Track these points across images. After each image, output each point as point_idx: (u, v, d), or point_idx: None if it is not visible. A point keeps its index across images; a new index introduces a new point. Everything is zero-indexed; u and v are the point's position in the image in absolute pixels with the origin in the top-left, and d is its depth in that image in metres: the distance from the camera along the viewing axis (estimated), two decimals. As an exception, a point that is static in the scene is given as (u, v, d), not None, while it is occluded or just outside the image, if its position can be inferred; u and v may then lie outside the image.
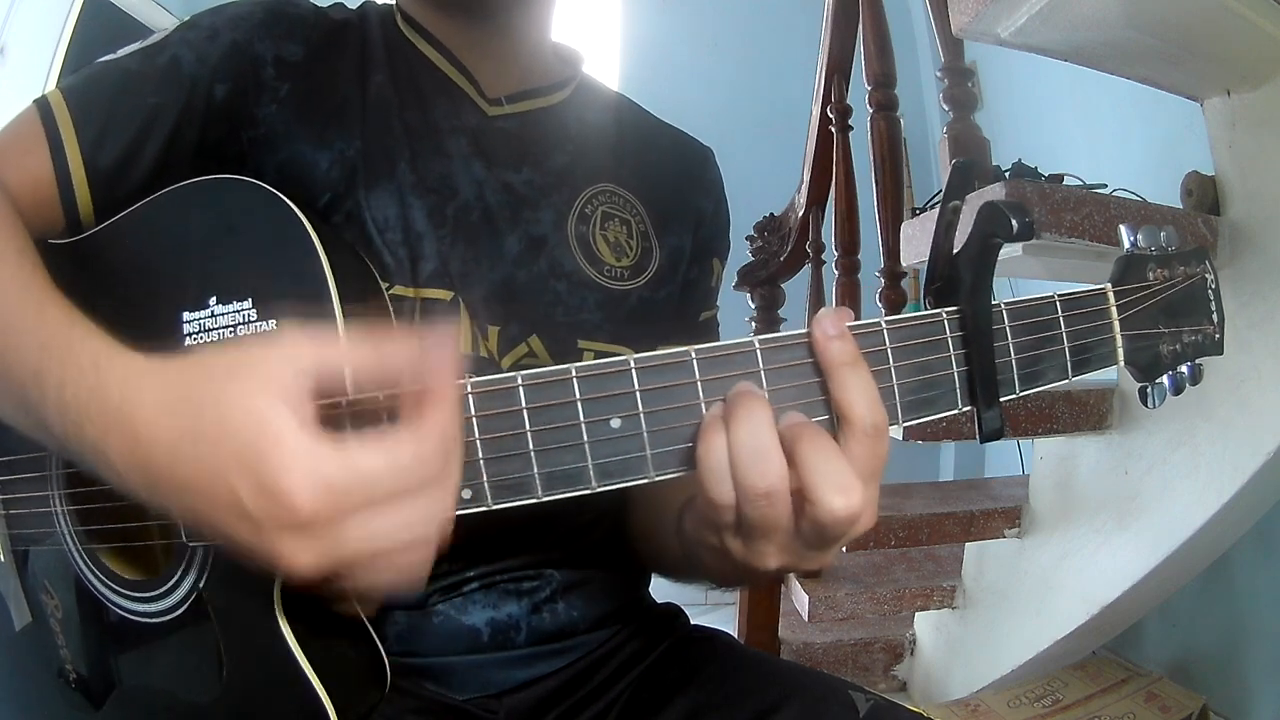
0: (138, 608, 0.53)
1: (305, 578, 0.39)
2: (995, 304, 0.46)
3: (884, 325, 0.45)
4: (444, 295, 0.61)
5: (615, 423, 0.43)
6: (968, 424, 0.48)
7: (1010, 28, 1.15)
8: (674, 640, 0.70)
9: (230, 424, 0.37)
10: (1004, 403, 0.47)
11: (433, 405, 0.39)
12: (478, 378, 0.43)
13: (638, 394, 0.43)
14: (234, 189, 0.52)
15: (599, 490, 0.43)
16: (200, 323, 0.50)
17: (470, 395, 0.42)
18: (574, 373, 0.43)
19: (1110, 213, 1.18)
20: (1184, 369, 0.52)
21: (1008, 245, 0.45)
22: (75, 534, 0.56)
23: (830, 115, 1.88)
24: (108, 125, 0.58)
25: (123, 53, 0.62)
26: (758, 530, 0.43)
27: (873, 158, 1.62)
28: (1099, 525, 1.46)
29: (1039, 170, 1.38)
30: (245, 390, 0.38)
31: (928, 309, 0.47)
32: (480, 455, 0.43)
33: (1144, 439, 1.39)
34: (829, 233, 1.92)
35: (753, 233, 2.18)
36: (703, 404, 0.43)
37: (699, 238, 0.75)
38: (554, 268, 0.66)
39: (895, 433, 0.47)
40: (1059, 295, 0.49)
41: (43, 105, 0.59)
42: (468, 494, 0.43)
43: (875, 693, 0.61)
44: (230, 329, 0.49)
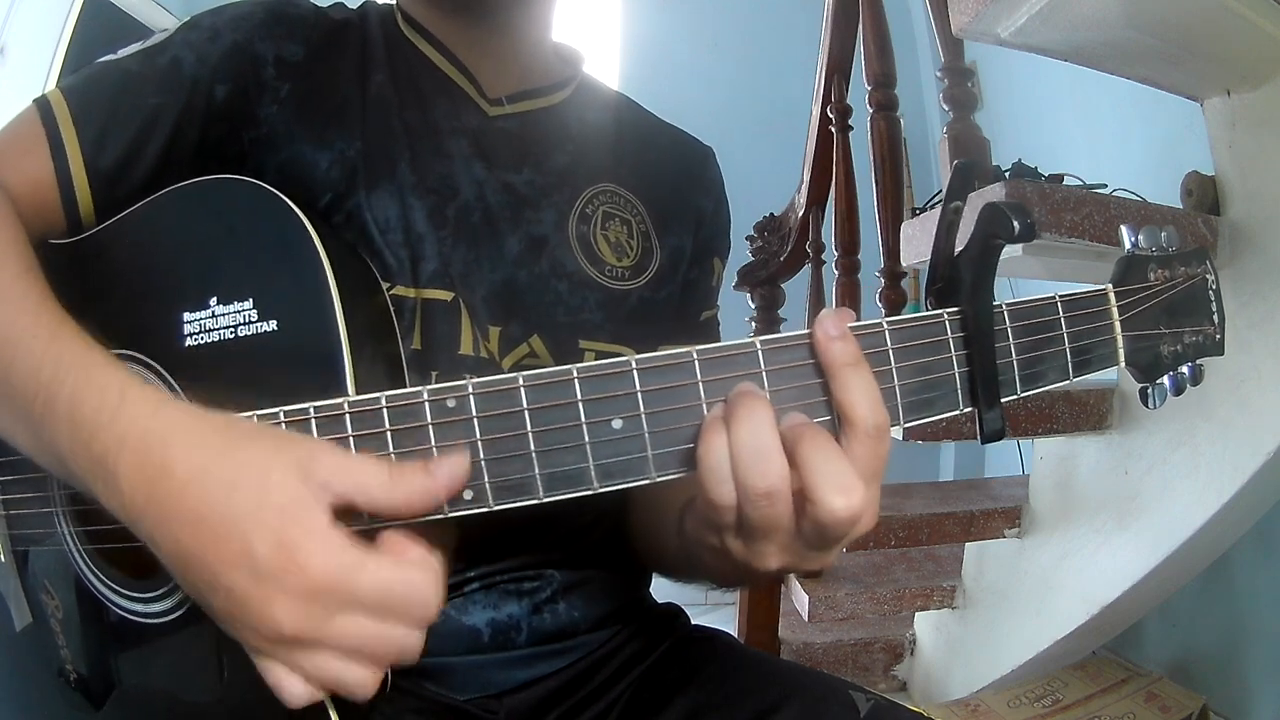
0: (138, 608, 0.53)
1: (274, 640, 0.40)
2: (996, 305, 0.46)
3: (885, 326, 0.45)
4: (445, 296, 0.62)
5: (617, 423, 0.43)
6: (968, 424, 0.47)
7: (1010, 28, 1.15)
8: (674, 640, 0.70)
9: (269, 486, 0.40)
10: (1004, 403, 0.47)
11: (428, 549, 0.41)
12: (479, 379, 0.43)
13: (639, 395, 0.43)
14: (234, 189, 0.52)
15: (600, 491, 0.43)
16: (201, 323, 0.50)
17: (472, 396, 0.42)
18: (575, 374, 0.42)
19: (1110, 213, 1.18)
20: (1184, 369, 0.52)
21: (1008, 245, 0.45)
22: (76, 534, 0.56)
23: (830, 115, 1.88)
24: (108, 125, 0.58)
25: (123, 53, 0.62)
26: (759, 531, 0.43)
27: (873, 158, 1.62)
28: (1099, 525, 1.46)
29: (1039, 170, 1.37)
30: (288, 465, 0.40)
31: (929, 309, 0.47)
32: (481, 456, 0.43)
33: (1144, 439, 1.39)
34: (829, 233, 1.92)
35: (753, 233, 2.18)
36: (704, 405, 0.43)
37: (699, 237, 0.75)
38: (555, 268, 0.66)
39: (895, 433, 0.47)
40: (1060, 296, 0.49)
41: (43, 105, 0.59)
42: (469, 495, 0.43)
43: (875, 693, 0.61)
44: (231, 329, 0.49)
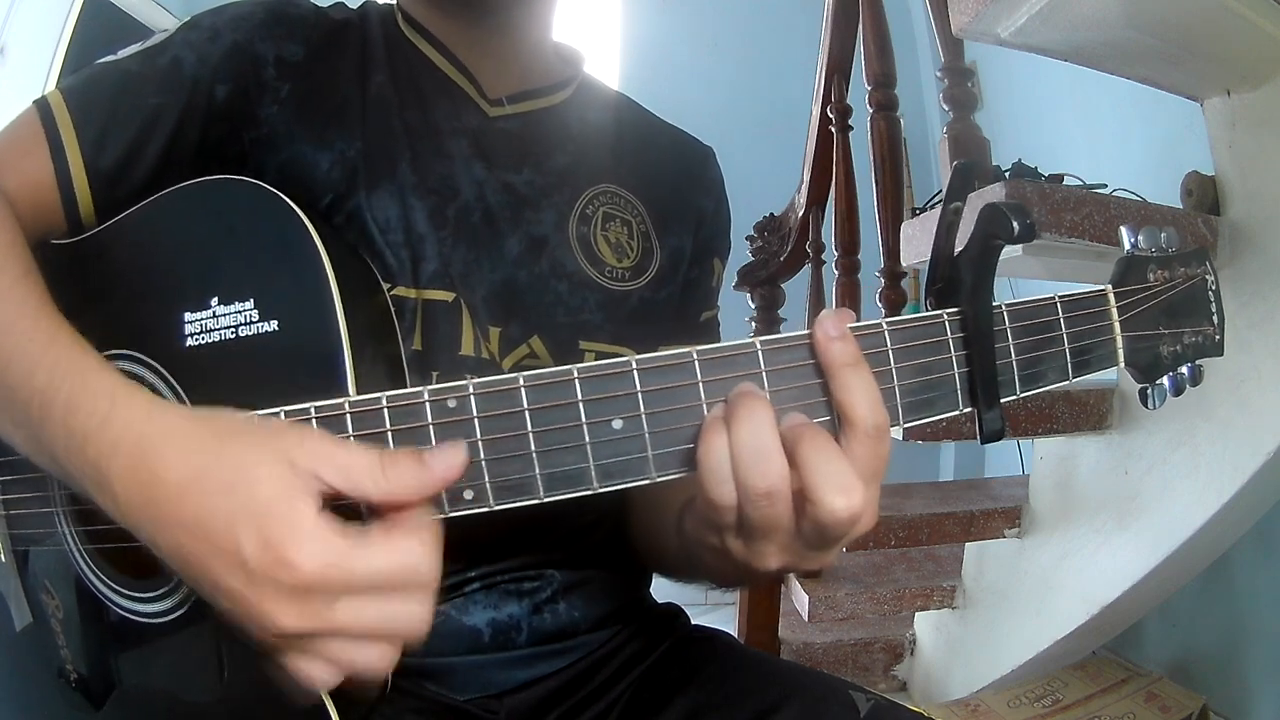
0: (138, 608, 0.53)
1: (280, 637, 0.40)
2: (996, 305, 0.46)
3: (885, 326, 0.45)
4: (445, 296, 0.62)
5: (617, 424, 0.43)
6: (968, 424, 0.48)
7: (1010, 28, 1.15)
8: (674, 640, 0.70)
9: (255, 482, 0.39)
10: (1004, 403, 0.47)
11: (423, 515, 0.42)
12: (480, 379, 0.43)
13: (639, 395, 0.43)
14: (235, 190, 0.52)
15: (600, 491, 0.43)
16: (202, 323, 0.50)
17: (473, 396, 0.43)
18: (576, 374, 0.43)
19: (1110, 213, 1.18)
20: (1184, 370, 0.52)
21: (1008, 246, 0.45)
22: (76, 534, 0.56)
23: (830, 115, 1.88)
24: (108, 126, 0.58)
25: (123, 53, 0.62)
26: (759, 531, 0.43)
27: (873, 158, 1.62)
28: (1099, 525, 1.46)
29: (1039, 170, 1.37)
30: (276, 460, 0.40)
31: (929, 310, 0.47)
32: (482, 456, 0.43)
33: (1144, 439, 1.39)
34: (829, 233, 1.92)
35: (753, 233, 2.18)
36: (704, 405, 0.43)
37: (700, 237, 0.75)
38: (555, 268, 0.66)
39: (895, 433, 0.47)
40: (1060, 296, 0.49)
41: (43, 106, 0.59)
42: (469, 495, 0.43)
43: (875, 693, 0.61)
44: (232, 329, 0.49)
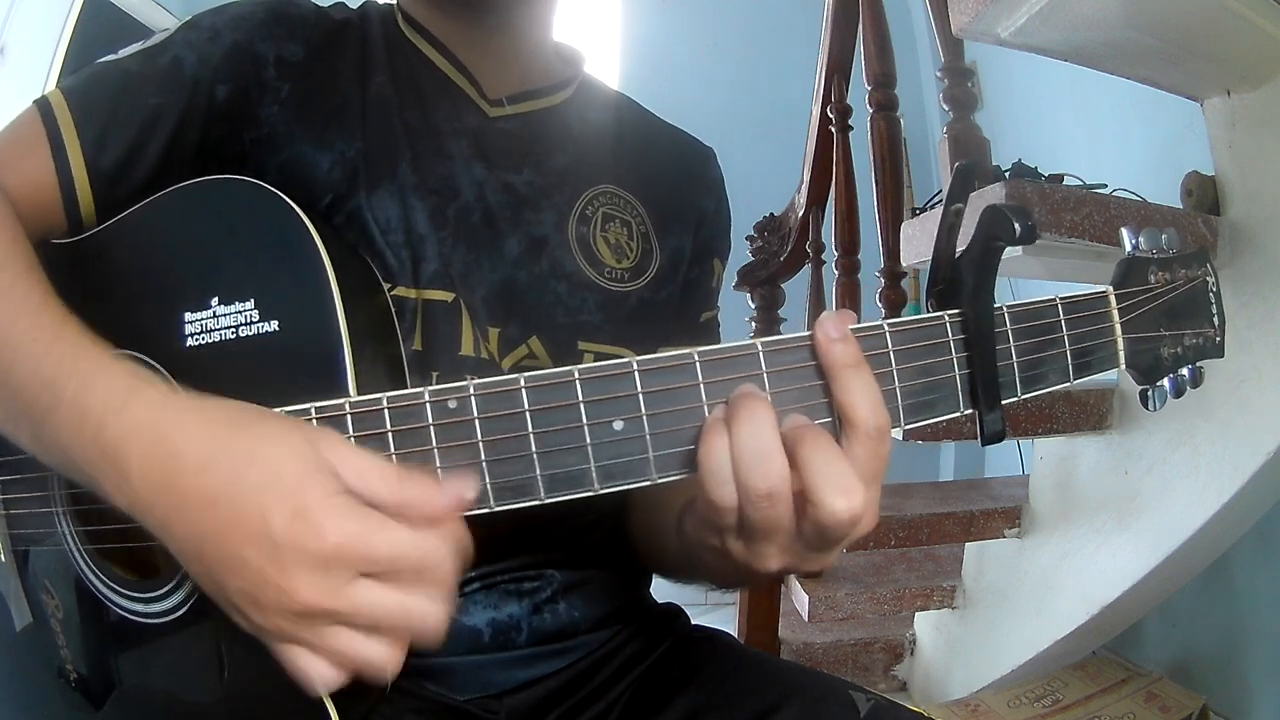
0: (139, 608, 0.53)
1: (295, 615, 0.40)
2: (997, 307, 0.46)
3: (886, 328, 0.45)
4: (445, 297, 0.62)
5: (618, 425, 0.43)
6: (968, 424, 0.48)
7: (1010, 28, 1.15)
8: (674, 640, 0.70)
9: (279, 456, 0.40)
10: (1004, 404, 0.47)
11: (454, 520, 0.42)
12: (481, 379, 0.43)
13: (640, 396, 0.43)
14: (235, 189, 0.52)
15: (601, 492, 0.43)
16: (202, 323, 0.50)
17: (473, 397, 0.43)
18: (577, 375, 0.43)
19: (1110, 213, 1.18)
20: (1184, 372, 0.52)
21: (1009, 247, 0.45)
22: (76, 534, 0.56)
23: (830, 115, 1.88)
24: (109, 126, 0.58)
25: (124, 53, 0.62)
26: (759, 532, 0.43)
27: (873, 158, 1.62)
28: (1099, 525, 1.46)
29: (1039, 170, 1.37)
30: (300, 440, 0.40)
31: (930, 311, 0.47)
32: (483, 457, 0.43)
33: (1144, 439, 1.39)
34: (829, 233, 1.92)
35: (753, 233, 2.18)
36: (705, 406, 0.43)
37: (700, 238, 0.75)
38: (554, 269, 0.66)
39: (896, 434, 0.47)
40: (1060, 298, 0.49)
41: (43, 106, 0.59)
42: (470, 495, 0.43)
43: (875, 693, 0.61)
44: (232, 330, 0.49)
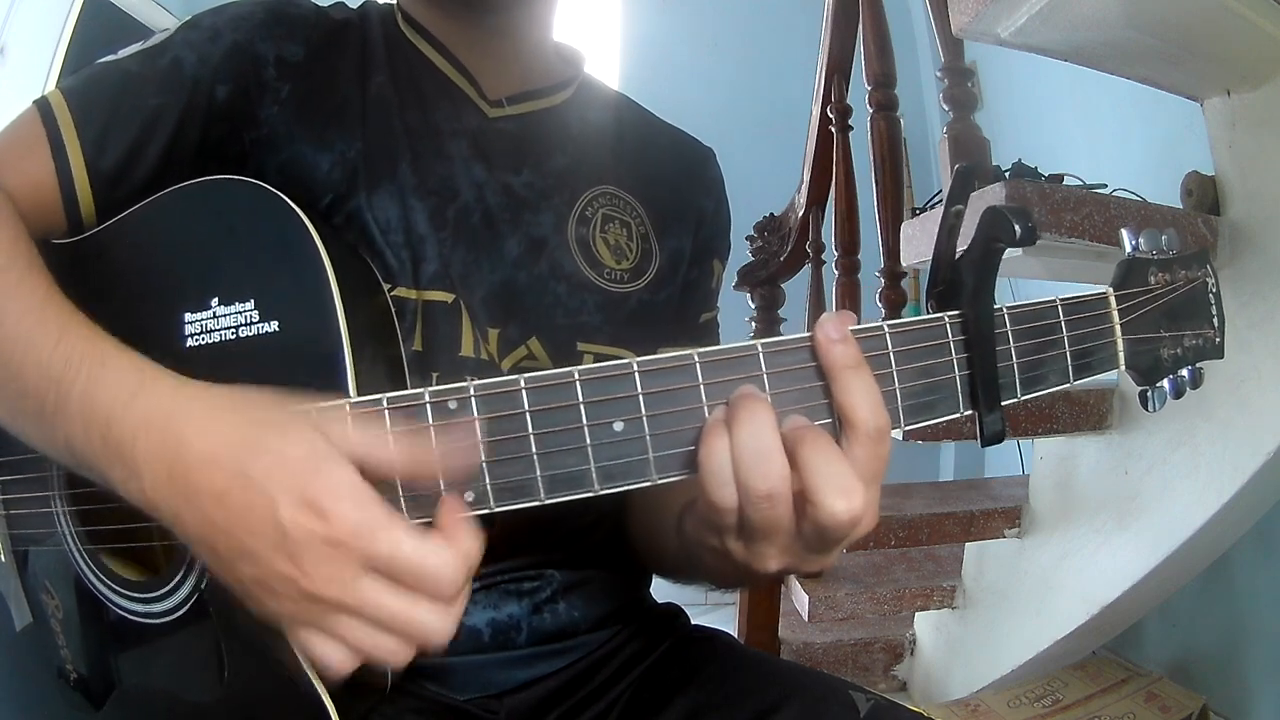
0: (139, 608, 0.53)
1: (304, 600, 0.40)
2: (997, 308, 0.46)
3: (886, 329, 0.45)
4: (445, 297, 0.62)
5: (618, 425, 0.43)
6: (968, 424, 0.48)
7: (1010, 28, 1.15)
8: (674, 640, 0.71)
9: (289, 445, 0.40)
10: (1004, 405, 0.47)
11: (466, 531, 0.42)
12: (481, 380, 0.43)
13: (640, 397, 0.43)
14: (235, 190, 0.52)
15: (601, 493, 0.43)
16: (202, 324, 0.50)
17: (473, 398, 0.43)
18: (577, 376, 0.43)
19: (1110, 213, 1.18)
20: (1184, 373, 0.52)
21: (1009, 248, 0.45)
22: (76, 534, 0.56)
23: (830, 115, 1.88)
24: (109, 126, 0.58)
25: (124, 53, 0.62)
26: (759, 532, 0.43)
27: (873, 158, 1.62)
28: (1099, 525, 1.46)
29: (1039, 170, 1.37)
30: (305, 424, 0.41)
31: (930, 312, 0.47)
32: (483, 458, 0.43)
33: (1144, 439, 1.39)
34: (829, 233, 1.92)
35: (753, 233, 2.18)
36: (705, 407, 0.43)
37: (699, 238, 0.75)
38: (554, 270, 0.66)
39: (895, 434, 0.47)
40: (1060, 299, 0.49)
41: (43, 106, 0.58)
42: (470, 497, 0.43)
43: (875, 693, 0.61)
44: (232, 330, 0.49)
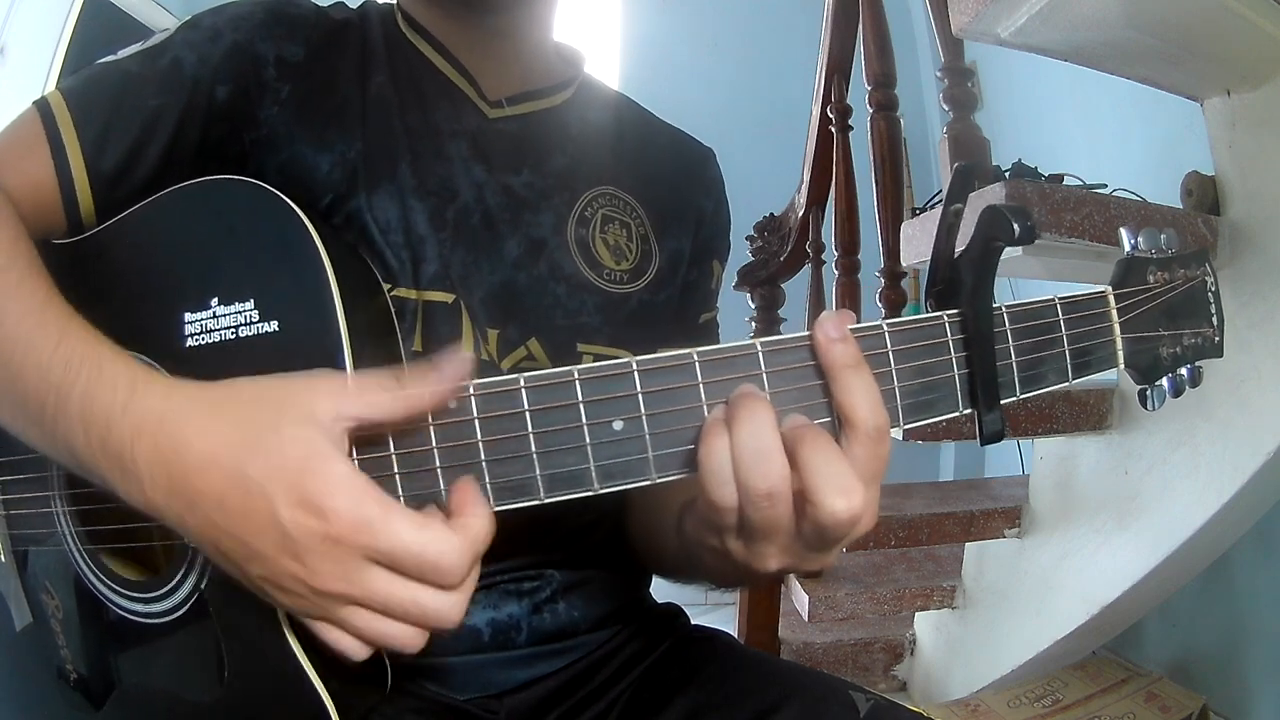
0: (139, 608, 0.53)
1: (315, 595, 0.40)
2: (996, 307, 0.46)
3: (885, 328, 0.45)
4: (445, 298, 0.62)
5: (617, 425, 0.43)
6: (968, 424, 0.48)
7: (1010, 28, 1.15)
8: (674, 640, 0.71)
9: (283, 443, 0.40)
10: (1004, 404, 0.47)
11: (476, 514, 0.41)
12: (481, 380, 0.43)
13: (640, 396, 0.43)
14: (235, 190, 0.52)
15: (601, 492, 0.43)
16: (202, 323, 0.50)
17: (473, 397, 0.43)
18: (577, 375, 0.43)
19: (1110, 213, 1.18)
20: (1183, 371, 0.52)
21: (1008, 247, 0.45)
22: (76, 534, 0.56)
23: (830, 115, 1.88)
24: (109, 126, 0.58)
25: (123, 54, 0.62)
26: (759, 532, 0.43)
27: (873, 158, 1.62)
28: (1099, 525, 1.46)
29: (1039, 170, 1.37)
30: (297, 419, 0.41)
31: (929, 311, 0.47)
32: (483, 457, 0.43)
33: (1144, 439, 1.39)
34: (829, 233, 1.92)
35: (753, 233, 2.18)
36: (705, 406, 0.43)
37: (699, 239, 0.75)
38: (553, 270, 0.66)
39: (895, 434, 0.47)
40: (1060, 298, 0.49)
41: (43, 106, 0.58)
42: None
43: (875, 693, 0.61)
44: (232, 330, 0.49)
